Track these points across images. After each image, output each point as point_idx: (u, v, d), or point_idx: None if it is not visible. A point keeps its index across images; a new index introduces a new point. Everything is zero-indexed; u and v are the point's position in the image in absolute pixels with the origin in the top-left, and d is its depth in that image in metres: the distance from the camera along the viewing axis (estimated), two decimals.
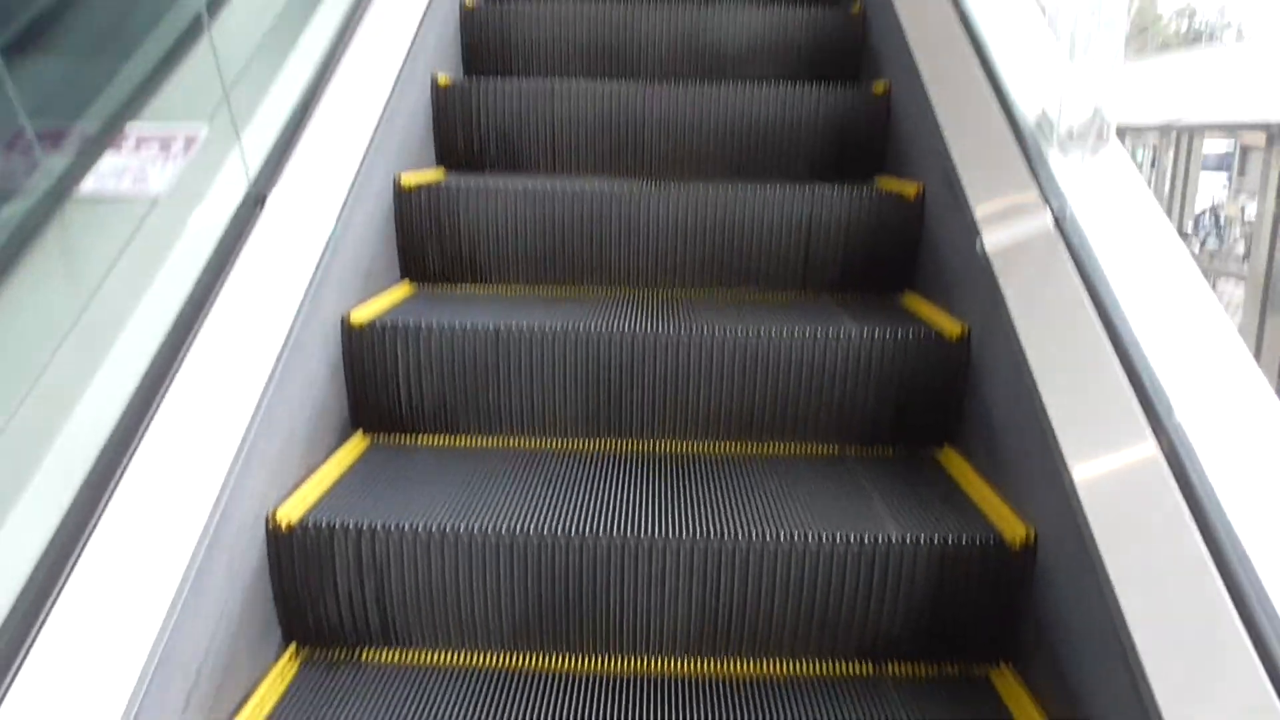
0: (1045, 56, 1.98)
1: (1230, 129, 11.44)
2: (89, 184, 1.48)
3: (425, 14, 2.49)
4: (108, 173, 1.51)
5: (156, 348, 1.35)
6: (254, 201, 1.66)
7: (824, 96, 2.55)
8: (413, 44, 2.35)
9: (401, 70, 2.24)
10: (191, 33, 1.70)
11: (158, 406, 1.29)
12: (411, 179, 2.22)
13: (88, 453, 1.19)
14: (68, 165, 1.48)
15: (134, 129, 1.58)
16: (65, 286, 1.38)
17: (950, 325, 1.87)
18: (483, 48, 2.90)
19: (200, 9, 1.65)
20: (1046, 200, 1.65)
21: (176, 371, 1.34)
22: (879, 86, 2.57)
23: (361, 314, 1.87)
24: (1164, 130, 10.69)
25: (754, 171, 2.57)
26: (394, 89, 2.18)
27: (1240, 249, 11.58)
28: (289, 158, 1.79)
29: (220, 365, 1.41)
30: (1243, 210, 11.86)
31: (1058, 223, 1.60)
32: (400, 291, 2.16)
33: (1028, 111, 1.84)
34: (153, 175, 1.53)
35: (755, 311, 2.03)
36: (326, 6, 2.21)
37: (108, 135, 1.55)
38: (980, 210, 1.80)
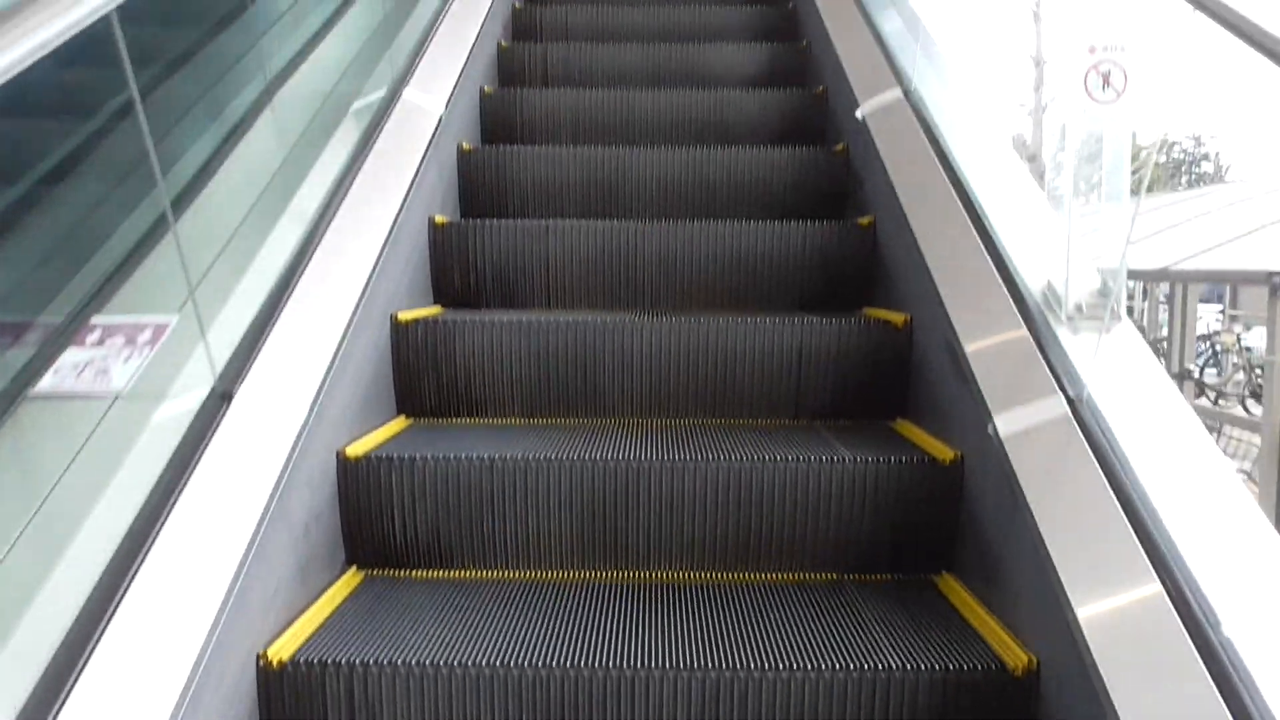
0: (1037, 212, 2.01)
1: (1230, 279, 11.48)
2: (47, 380, 1.44)
3: (424, 158, 2.58)
4: (66, 368, 1.47)
5: (125, 531, 1.32)
6: (220, 398, 1.56)
7: (810, 231, 2.62)
8: (410, 188, 2.43)
9: (399, 214, 2.31)
10: (158, 229, 1.65)
11: (139, 566, 1.27)
12: (408, 316, 2.26)
13: (71, 606, 1.17)
14: (25, 360, 1.46)
15: (98, 321, 1.55)
16: (20, 482, 1.37)
17: (942, 451, 1.89)
18: (480, 188, 3.00)
19: (165, 207, 1.60)
20: (1061, 387, 1.60)
21: (145, 557, 1.30)
22: (864, 220, 2.66)
23: (357, 448, 1.88)
24: (1158, 276, 10.82)
25: (745, 303, 2.63)
26: (391, 232, 2.24)
27: (1239, 377, 11.74)
28: (264, 343, 1.71)
29: (189, 555, 1.36)
30: (1239, 339, 12.13)
31: (1073, 407, 1.56)
32: (396, 426, 2.18)
33: (1028, 276, 1.82)
34: (114, 372, 1.48)
35: (749, 440, 2.04)
36: (323, 163, 2.27)
37: (66, 330, 1.53)
38: (991, 396, 1.73)
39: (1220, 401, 11.66)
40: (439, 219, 2.64)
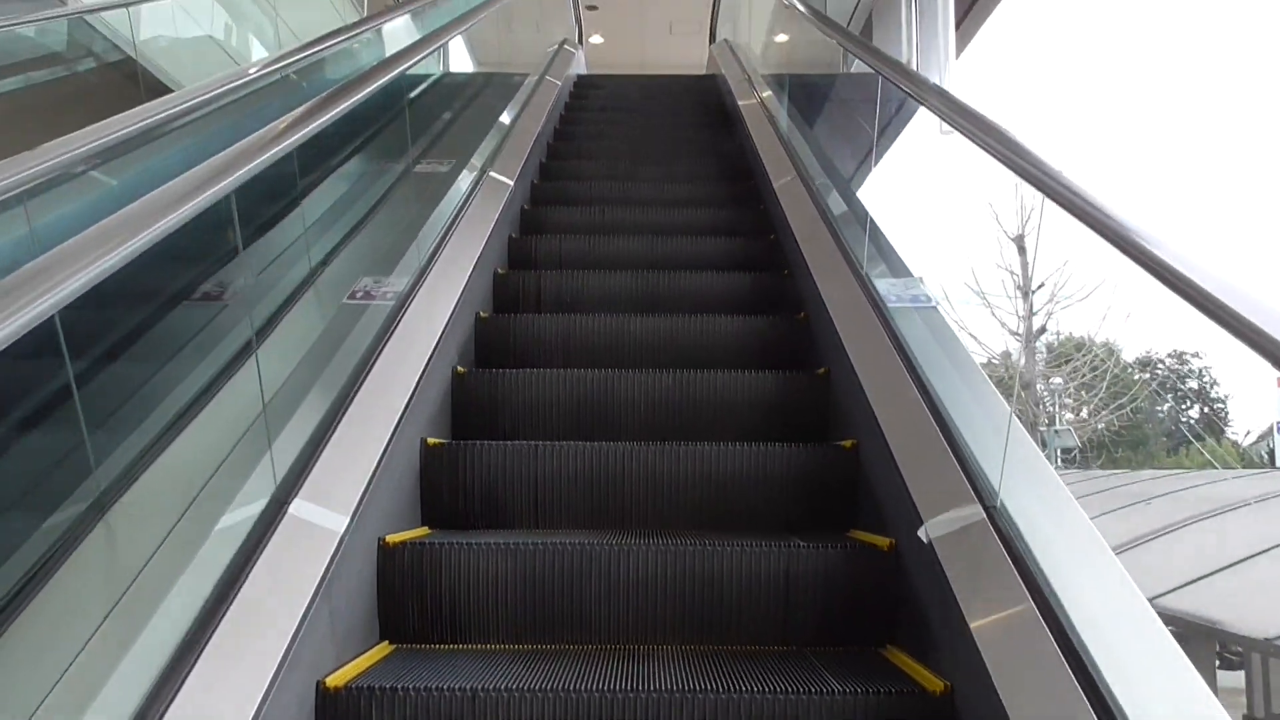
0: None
1: None
2: None
3: (419, 382, 2.66)
4: None
5: None
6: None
7: (794, 454, 2.67)
8: (404, 411, 2.49)
9: (392, 437, 2.36)
10: None
11: None
12: (395, 538, 2.27)
13: None
14: None
15: None
16: None
17: (932, 682, 1.86)
18: (471, 411, 3.07)
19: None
20: None
21: None
22: (848, 443, 2.71)
23: (337, 678, 1.84)
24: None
25: (731, 525, 2.64)
26: (383, 456, 2.28)
27: None
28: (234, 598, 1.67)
29: None
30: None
31: None
32: (378, 652, 2.14)
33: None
34: None
35: (738, 668, 2.00)
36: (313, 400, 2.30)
37: None
38: None
39: None
40: (431, 441, 2.68)
